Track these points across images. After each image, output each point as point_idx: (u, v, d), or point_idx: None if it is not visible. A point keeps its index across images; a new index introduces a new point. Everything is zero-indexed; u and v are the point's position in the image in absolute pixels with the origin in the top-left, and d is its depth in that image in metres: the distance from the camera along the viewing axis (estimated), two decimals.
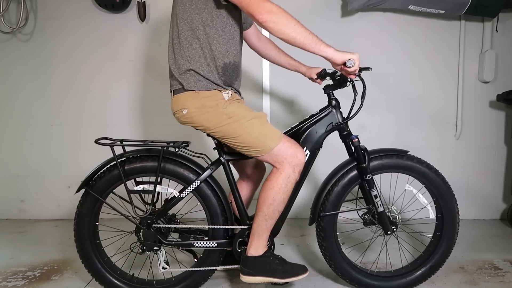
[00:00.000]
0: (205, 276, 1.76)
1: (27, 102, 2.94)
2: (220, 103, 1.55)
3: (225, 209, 1.72)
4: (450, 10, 2.60)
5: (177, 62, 1.56)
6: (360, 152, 1.70)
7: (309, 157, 1.69)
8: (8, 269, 2.12)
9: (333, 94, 1.73)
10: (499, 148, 2.93)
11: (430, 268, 1.82)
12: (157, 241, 1.68)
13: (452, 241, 1.80)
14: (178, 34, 1.54)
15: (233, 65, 1.60)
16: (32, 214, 3.03)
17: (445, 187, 1.79)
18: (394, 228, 1.78)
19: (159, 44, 2.88)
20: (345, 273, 1.79)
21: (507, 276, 2.00)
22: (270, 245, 1.74)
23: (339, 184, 1.74)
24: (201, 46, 1.52)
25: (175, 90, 1.60)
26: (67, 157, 2.96)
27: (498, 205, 2.97)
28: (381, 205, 1.74)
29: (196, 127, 1.62)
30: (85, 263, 1.73)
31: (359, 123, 2.87)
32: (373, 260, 2.04)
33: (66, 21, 2.87)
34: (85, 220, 1.69)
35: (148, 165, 1.68)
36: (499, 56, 2.82)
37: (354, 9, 2.73)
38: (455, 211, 1.80)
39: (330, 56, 1.47)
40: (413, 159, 1.77)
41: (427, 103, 2.90)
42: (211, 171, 1.69)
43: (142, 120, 2.95)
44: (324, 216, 1.74)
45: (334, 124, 1.71)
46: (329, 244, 1.76)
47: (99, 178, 1.68)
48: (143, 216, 1.68)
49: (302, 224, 2.79)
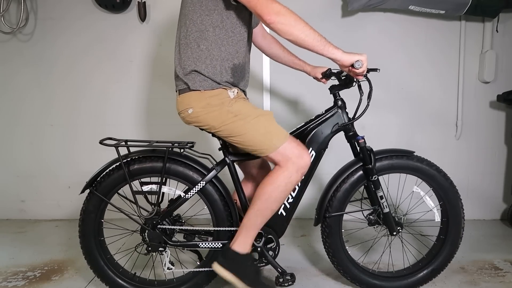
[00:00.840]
0: (207, 279, 1.75)
1: (27, 102, 2.94)
2: (225, 101, 1.54)
3: (230, 210, 1.71)
4: (451, 11, 2.60)
5: (182, 63, 1.55)
6: (366, 153, 1.69)
7: (314, 158, 1.68)
8: (9, 269, 2.12)
9: (339, 94, 1.72)
10: (499, 148, 2.93)
11: (432, 271, 1.82)
12: (162, 242, 1.67)
13: (456, 245, 1.80)
14: (186, 34, 1.52)
15: (241, 66, 1.59)
16: (32, 214, 3.03)
17: (453, 192, 1.77)
18: (399, 229, 1.77)
19: (159, 44, 2.88)
20: (347, 271, 1.79)
21: (507, 276, 2.00)
22: (260, 248, 1.70)
23: (345, 185, 1.73)
24: (208, 47, 1.51)
25: (180, 90, 1.59)
26: (67, 157, 2.96)
27: (498, 205, 2.97)
28: (387, 206, 1.73)
29: (201, 127, 1.61)
30: (88, 260, 1.72)
31: (359, 123, 2.85)
32: (375, 260, 2.04)
33: (66, 21, 2.87)
34: (91, 216, 1.69)
35: (153, 165, 1.67)
36: (500, 56, 2.82)
37: (355, 10, 2.73)
38: (461, 216, 1.78)
39: (339, 58, 1.46)
40: (423, 161, 1.76)
41: (427, 103, 2.90)
42: (216, 171, 1.68)
43: (143, 121, 2.95)
44: (330, 217, 1.73)
45: (340, 125, 1.70)
46: (333, 242, 1.76)
47: (104, 178, 1.68)
48: (148, 217, 1.67)
49: (303, 224, 2.79)
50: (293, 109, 2.91)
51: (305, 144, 1.67)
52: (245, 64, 1.63)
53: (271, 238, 1.71)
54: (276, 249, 1.72)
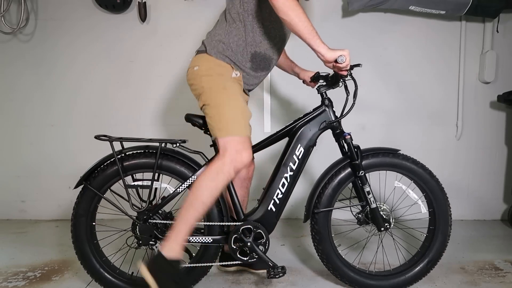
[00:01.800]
0: (202, 273, 1.78)
1: (27, 102, 2.95)
2: (226, 75, 1.67)
3: (221, 206, 1.73)
4: (451, 11, 2.60)
5: (214, 32, 1.72)
6: (352, 149, 1.74)
7: (303, 154, 1.75)
8: (9, 269, 2.13)
9: (326, 94, 1.79)
10: (499, 148, 2.93)
11: (428, 263, 1.83)
12: (153, 235, 1.69)
13: (447, 233, 1.82)
14: (230, 11, 1.68)
15: (262, 56, 1.71)
16: (32, 214, 3.04)
17: (433, 181, 1.80)
18: (387, 225, 1.79)
19: (159, 45, 2.88)
20: (343, 275, 1.79)
21: (507, 276, 2.00)
22: (250, 243, 1.71)
23: (333, 181, 1.77)
24: (241, 30, 1.66)
25: (198, 51, 1.74)
26: (67, 157, 2.97)
27: (498, 206, 2.97)
28: (374, 202, 1.76)
29: (194, 89, 1.70)
30: (83, 264, 1.74)
31: (359, 124, 2.87)
32: (370, 261, 2.04)
33: (67, 21, 2.87)
34: (82, 220, 1.71)
35: (145, 161, 1.71)
36: (500, 56, 2.82)
37: (355, 10, 2.73)
38: (446, 204, 1.81)
39: (323, 53, 1.52)
40: (399, 156, 1.80)
41: (427, 103, 2.90)
42: (207, 166, 1.71)
43: (143, 121, 2.95)
44: (318, 212, 1.75)
45: (327, 123, 1.77)
46: (324, 245, 1.77)
47: (97, 174, 1.70)
48: (140, 211, 1.70)
49: (303, 224, 2.79)
50: (293, 109, 2.91)
51: (294, 140, 1.75)
52: (268, 57, 1.73)
53: (261, 233, 1.73)
54: (266, 243, 1.74)
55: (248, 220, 1.74)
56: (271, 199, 1.75)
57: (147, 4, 2.81)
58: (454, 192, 2.92)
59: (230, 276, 2.02)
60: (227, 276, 2.01)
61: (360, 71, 1.96)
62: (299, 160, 1.74)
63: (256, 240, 1.73)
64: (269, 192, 1.76)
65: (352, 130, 1.84)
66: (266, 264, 1.72)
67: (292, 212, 2.97)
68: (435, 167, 2.94)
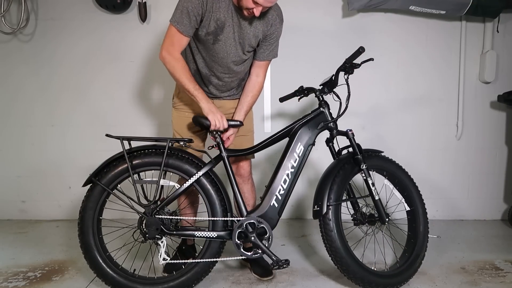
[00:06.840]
0: (206, 269, 1.80)
1: (28, 103, 2.95)
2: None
3: (225, 201, 1.80)
4: (451, 11, 2.60)
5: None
6: (354, 144, 1.85)
7: (303, 152, 1.85)
8: (9, 269, 2.13)
9: (323, 97, 1.91)
10: (500, 148, 2.93)
11: (416, 257, 1.88)
12: (159, 229, 1.73)
13: (426, 227, 1.92)
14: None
15: (199, 74, 1.92)
16: (33, 214, 3.04)
17: (407, 177, 1.93)
18: (387, 219, 1.86)
19: (160, 45, 2.86)
20: (351, 272, 1.77)
21: (508, 276, 2.00)
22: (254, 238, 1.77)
23: (340, 175, 1.83)
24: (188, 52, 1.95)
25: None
26: (68, 157, 2.97)
27: (499, 206, 2.97)
28: (378, 194, 1.84)
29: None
30: (87, 258, 1.75)
31: (359, 124, 2.87)
32: (369, 260, 2.05)
33: (67, 21, 2.87)
34: (90, 213, 1.74)
35: (153, 159, 1.77)
36: (500, 56, 2.82)
37: (355, 10, 2.73)
38: (421, 199, 1.93)
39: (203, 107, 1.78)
40: (381, 158, 1.92)
41: (428, 103, 2.90)
42: (211, 164, 1.80)
43: (143, 121, 2.95)
44: (331, 205, 1.78)
45: (324, 123, 1.88)
46: (336, 243, 1.76)
47: (106, 171, 1.75)
48: (147, 205, 1.74)
49: (303, 225, 2.79)
50: (292, 111, 2.91)
51: (295, 140, 1.84)
52: (203, 74, 1.92)
53: (264, 229, 1.79)
54: (269, 238, 1.79)
55: (251, 215, 1.80)
56: (273, 195, 1.82)
57: (147, 4, 2.81)
58: (454, 192, 2.93)
59: (231, 276, 2.02)
60: (228, 276, 2.02)
61: (360, 71, 1.99)
62: (299, 157, 1.83)
63: (259, 235, 1.79)
64: (272, 189, 1.83)
65: (353, 130, 1.88)
66: (267, 269, 1.83)
67: (292, 212, 2.97)
68: (435, 167, 2.98)
